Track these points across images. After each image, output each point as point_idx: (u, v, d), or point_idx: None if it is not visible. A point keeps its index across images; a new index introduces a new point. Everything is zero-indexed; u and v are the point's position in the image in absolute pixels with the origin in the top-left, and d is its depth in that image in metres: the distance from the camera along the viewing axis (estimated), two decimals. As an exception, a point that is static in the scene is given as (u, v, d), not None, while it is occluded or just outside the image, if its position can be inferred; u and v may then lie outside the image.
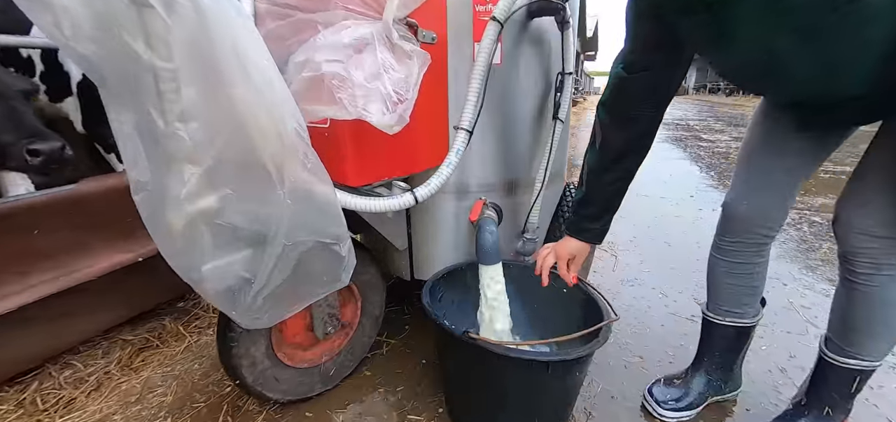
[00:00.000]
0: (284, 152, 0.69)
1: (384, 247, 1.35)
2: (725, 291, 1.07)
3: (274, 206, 0.71)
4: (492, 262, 1.08)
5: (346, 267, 0.84)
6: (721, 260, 1.06)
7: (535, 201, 1.24)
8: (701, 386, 1.15)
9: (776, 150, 0.94)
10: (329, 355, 1.21)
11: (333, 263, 0.82)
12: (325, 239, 0.77)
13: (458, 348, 0.94)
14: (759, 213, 0.97)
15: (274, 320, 0.84)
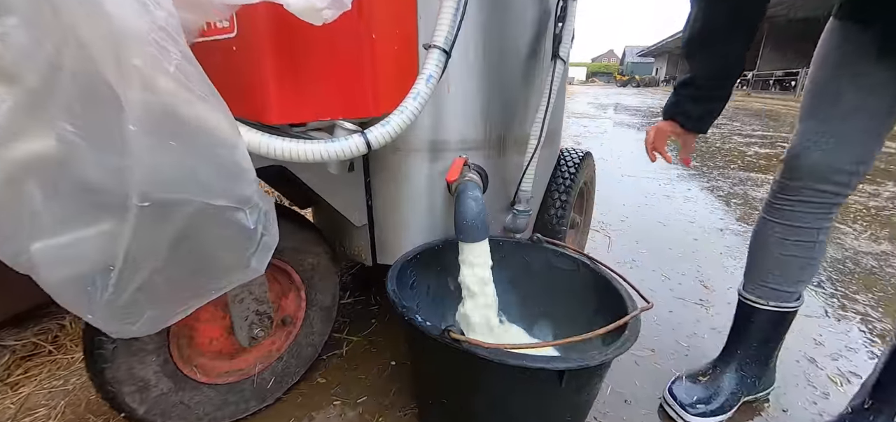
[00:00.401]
0: (133, 48, 0.40)
1: (339, 223, 1.07)
2: (776, 265, 0.85)
3: (119, 144, 0.43)
4: (476, 238, 0.82)
5: (260, 247, 0.56)
6: (776, 225, 0.84)
7: (528, 164, 0.99)
8: (733, 385, 0.93)
9: (857, 83, 0.72)
10: (265, 362, 0.93)
11: (236, 241, 0.54)
12: (217, 201, 0.49)
13: (436, 352, 0.68)
14: (833, 159, 0.75)
15: (155, 325, 0.56)
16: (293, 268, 0.94)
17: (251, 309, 0.83)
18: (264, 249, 0.58)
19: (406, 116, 0.63)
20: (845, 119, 0.73)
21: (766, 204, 0.87)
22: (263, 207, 0.58)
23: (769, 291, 0.87)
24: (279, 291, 0.96)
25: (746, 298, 0.91)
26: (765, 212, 0.87)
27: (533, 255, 0.99)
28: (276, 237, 0.60)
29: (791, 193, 0.80)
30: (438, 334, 0.60)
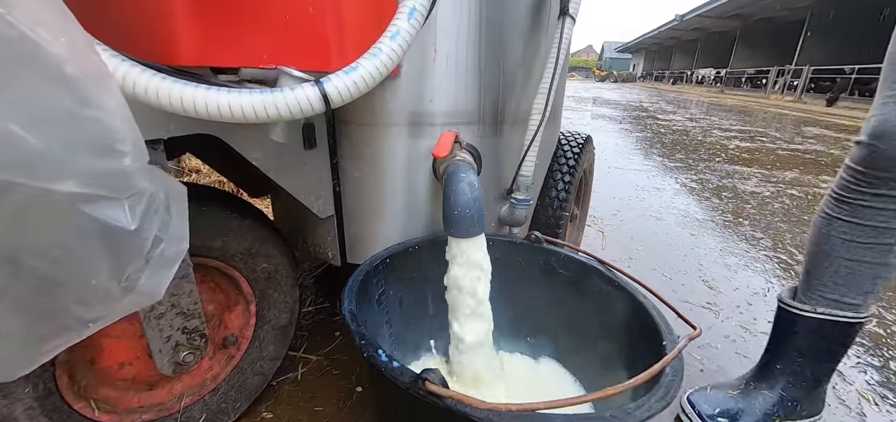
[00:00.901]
0: None
1: (300, 215, 0.88)
2: (838, 273, 0.71)
3: None
4: (471, 232, 0.65)
5: (154, 260, 0.37)
6: (843, 223, 0.69)
7: (530, 144, 0.81)
8: (768, 404, 0.79)
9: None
10: (196, 394, 0.73)
11: (106, 250, 0.34)
12: (62, 185, 0.30)
13: (408, 406, 0.50)
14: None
15: (4, 373, 0.36)
16: (243, 276, 0.73)
17: (175, 327, 0.63)
18: (161, 263, 0.39)
19: (380, 61, 0.44)
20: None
21: (829, 197, 0.72)
22: (159, 195, 0.38)
23: (828, 300, 0.73)
24: (223, 304, 0.76)
25: (791, 307, 0.76)
26: (827, 207, 0.72)
27: (531, 257, 0.82)
28: (183, 242, 0.40)
29: (867, 185, 0.66)
30: (410, 382, 0.42)
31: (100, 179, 0.33)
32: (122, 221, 0.35)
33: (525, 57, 0.83)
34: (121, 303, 0.39)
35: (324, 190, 0.77)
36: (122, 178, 0.34)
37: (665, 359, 0.46)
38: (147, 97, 0.37)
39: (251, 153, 0.61)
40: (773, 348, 0.82)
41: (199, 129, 0.54)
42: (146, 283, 0.39)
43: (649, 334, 0.59)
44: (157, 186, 0.38)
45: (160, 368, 0.62)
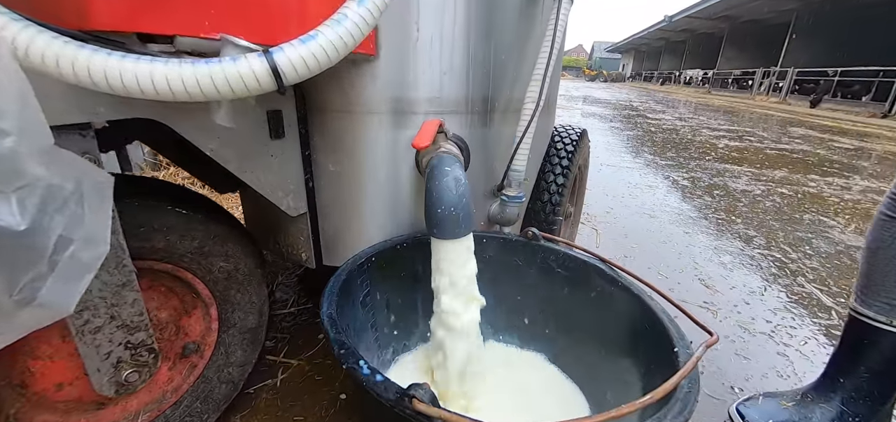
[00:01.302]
0: None
1: (270, 213, 0.80)
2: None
3: None
4: (456, 233, 0.58)
5: (59, 269, 0.30)
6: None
7: (523, 135, 0.75)
8: (826, 419, 0.74)
9: None
10: (156, 410, 0.65)
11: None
12: None
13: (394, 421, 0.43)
14: None
15: None
16: (197, 277, 0.65)
17: (116, 341, 0.55)
18: (72, 271, 0.31)
19: (344, 30, 0.36)
20: None
21: (889, 199, 0.67)
22: (64, 187, 0.31)
23: (893, 307, 0.68)
24: (179, 310, 0.68)
25: (860, 314, 0.71)
26: (888, 209, 0.67)
27: (527, 255, 0.76)
28: (101, 245, 0.33)
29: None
30: (395, 399, 0.35)
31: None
32: (6, 219, 0.27)
33: (518, 40, 0.76)
34: (16, 318, 0.31)
35: (294, 185, 0.70)
36: (2, 165, 0.27)
37: (682, 371, 0.40)
38: (43, 67, 0.30)
39: (205, 143, 0.53)
40: (838, 360, 0.77)
41: (136, 112, 0.46)
42: (50, 294, 0.31)
43: (659, 339, 0.53)
44: (61, 175, 0.31)
45: (98, 389, 0.54)
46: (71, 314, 0.48)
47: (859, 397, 0.74)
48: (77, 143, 0.44)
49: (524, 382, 0.75)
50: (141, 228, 0.56)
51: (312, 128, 0.69)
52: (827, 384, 0.78)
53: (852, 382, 0.75)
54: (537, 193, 0.97)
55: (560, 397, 0.73)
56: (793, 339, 1.11)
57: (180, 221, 0.59)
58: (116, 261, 0.50)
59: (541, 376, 0.77)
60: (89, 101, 0.41)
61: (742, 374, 0.96)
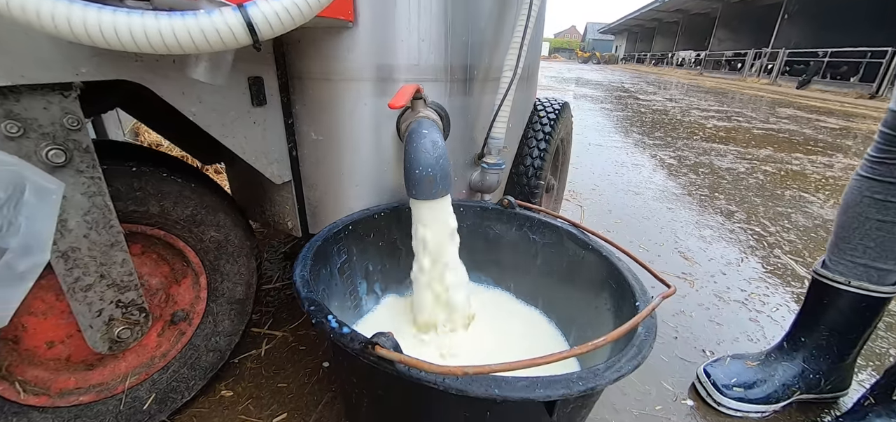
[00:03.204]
0: None
1: (256, 182, 0.81)
2: (869, 235, 0.70)
3: None
4: (434, 193, 0.60)
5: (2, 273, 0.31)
6: (877, 183, 0.68)
7: (501, 103, 0.77)
8: (788, 376, 0.78)
9: None
10: (143, 373, 0.67)
11: None
12: None
13: (362, 373, 0.46)
14: None
15: None
16: (188, 246, 0.67)
17: (108, 300, 0.57)
18: (8, 279, 0.32)
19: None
20: None
21: (864, 161, 0.70)
22: None
23: (858, 267, 0.71)
24: (169, 277, 0.69)
25: (822, 276, 0.75)
26: (862, 170, 0.71)
27: (504, 223, 0.78)
28: (40, 253, 0.34)
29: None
30: (360, 348, 0.37)
31: None
32: None
33: (496, 7, 0.78)
34: None
35: (278, 153, 0.71)
36: None
37: (637, 316, 0.43)
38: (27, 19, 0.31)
39: (186, 106, 0.55)
40: (800, 320, 0.81)
41: (116, 73, 0.47)
42: None
43: (624, 294, 0.56)
44: None
45: (92, 345, 0.56)
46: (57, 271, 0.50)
47: (820, 355, 0.79)
48: (59, 103, 0.46)
49: (506, 324, 0.78)
50: (137, 192, 0.57)
51: (294, 96, 0.70)
52: (790, 344, 0.82)
53: (813, 340, 0.79)
54: (519, 160, 0.99)
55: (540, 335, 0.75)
56: (765, 306, 1.16)
57: (174, 188, 0.61)
58: (104, 221, 0.52)
59: (523, 319, 0.79)
60: (72, 60, 0.42)
61: (714, 338, 1.01)
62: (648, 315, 0.45)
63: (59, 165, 0.47)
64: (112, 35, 0.32)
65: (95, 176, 0.50)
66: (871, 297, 0.72)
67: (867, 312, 0.74)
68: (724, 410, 0.78)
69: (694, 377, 0.86)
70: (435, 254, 0.63)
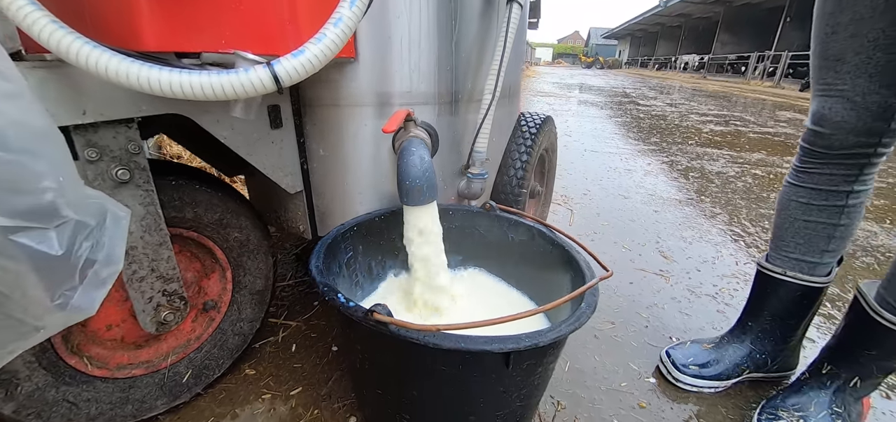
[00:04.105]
0: None
1: (273, 192, 0.94)
2: (798, 234, 0.81)
3: None
4: (421, 200, 0.72)
5: (89, 280, 0.42)
6: (801, 189, 0.80)
7: (483, 120, 0.89)
8: (738, 356, 0.89)
9: (850, 8, 0.65)
10: (181, 353, 0.80)
11: (35, 273, 0.38)
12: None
13: (363, 337, 0.58)
14: (851, 115, 0.69)
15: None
16: (216, 245, 0.80)
17: (156, 289, 0.69)
18: (95, 283, 0.44)
19: (324, 46, 0.51)
20: (856, 58, 0.67)
21: (791, 169, 0.82)
22: (88, 221, 0.43)
23: (791, 261, 0.82)
24: (200, 272, 0.82)
25: (764, 268, 0.86)
26: (789, 177, 0.82)
27: (487, 224, 0.90)
28: (117, 264, 0.45)
29: (815, 158, 0.76)
30: (363, 316, 0.49)
31: (24, 215, 0.38)
32: (49, 247, 0.40)
33: (477, 40, 0.90)
34: (56, 317, 0.44)
35: (291, 167, 0.84)
36: (47, 211, 0.39)
37: (573, 293, 0.54)
38: (116, 78, 0.44)
39: (220, 132, 0.68)
40: (748, 307, 0.92)
41: (168, 109, 0.60)
42: (79, 300, 0.43)
43: (577, 279, 0.68)
44: (87, 214, 0.43)
45: (144, 326, 0.69)
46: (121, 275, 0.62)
47: (765, 338, 0.90)
48: (124, 133, 0.59)
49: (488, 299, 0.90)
50: (176, 201, 0.70)
51: (305, 119, 0.83)
52: (739, 328, 0.93)
53: (759, 325, 0.90)
54: (503, 170, 1.11)
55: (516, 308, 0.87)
56: (733, 299, 1.26)
57: (205, 197, 0.74)
58: (155, 225, 0.65)
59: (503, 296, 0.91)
60: (135, 101, 0.55)
61: (682, 328, 1.12)
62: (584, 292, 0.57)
63: (124, 182, 0.60)
64: (178, 89, 0.45)
65: (149, 189, 0.63)
66: (806, 286, 0.83)
67: (804, 300, 0.84)
68: (681, 385, 0.89)
69: (658, 360, 0.97)
70: (423, 248, 0.75)
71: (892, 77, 0.66)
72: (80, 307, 0.44)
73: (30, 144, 0.37)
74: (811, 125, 0.76)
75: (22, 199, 0.37)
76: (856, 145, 0.71)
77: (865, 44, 0.65)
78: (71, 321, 0.45)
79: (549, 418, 0.81)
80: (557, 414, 0.82)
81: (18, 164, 0.37)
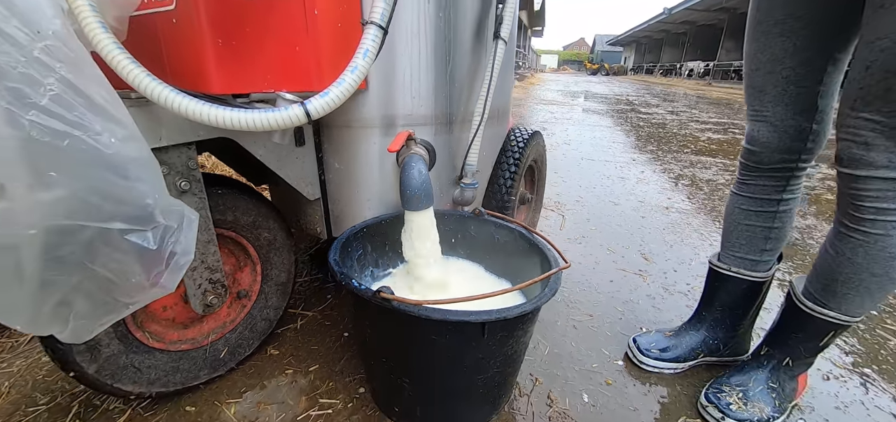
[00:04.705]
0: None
1: (294, 198, 1.10)
2: (741, 235, 0.95)
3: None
4: (419, 206, 0.88)
5: (171, 267, 0.58)
6: (741, 198, 0.94)
7: (473, 139, 1.04)
8: (694, 342, 1.03)
9: (775, 44, 0.80)
10: (219, 333, 0.95)
11: (139, 261, 0.54)
12: (112, 224, 0.50)
13: (371, 313, 0.73)
14: (774, 137, 0.84)
15: (81, 334, 0.56)
16: (249, 243, 0.96)
17: (204, 278, 0.85)
18: (175, 269, 0.59)
19: (343, 88, 0.66)
20: (774, 88, 0.82)
21: (735, 181, 0.97)
22: (174, 225, 0.58)
23: (735, 259, 0.97)
24: (235, 265, 0.98)
25: (713, 265, 1.01)
26: (733, 187, 0.97)
27: (476, 226, 1.05)
28: (190, 255, 0.60)
29: (749, 172, 0.92)
30: (371, 295, 0.65)
31: (133, 219, 0.54)
32: (148, 244, 0.56)
33: (469, 71, 1.06)
34: (148, 293, 0.60)
35: (312, 178, 1.00)
36: (145, 217, 0.55)
37: (532, 280, 0.69)
38: (193, 115, 0.60)
39: (256, 151, 0.84)
40: (702, 300, 1.06)
41: (219, 134, 0.76)
42: (165, 281, 0.60)
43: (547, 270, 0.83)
44: (172, 218, 0.59)
45: (195, 307, 0.85)
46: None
47: (717, 326, 1.03)
48: (186, 153, 0.75)
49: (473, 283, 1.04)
50: (220, 207, 0.86)
51: (323, 138, 0.99)
52: (696, 318, 1.07)
53: (711, 314, 1.04)
54: (494, 179, 1.26)
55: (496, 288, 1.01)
56: (704, 295, 1.39)
57: (242, 202, 0.90)
58: (206, 226, 0.81)
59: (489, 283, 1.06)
60: (194, 128, 0.71)
61: (653, 320, 1.26)
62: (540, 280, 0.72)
63: (185, 191, 0.76)
64: (239, 124, 0.61)
65: (202, 197, 0.79)
66: (749, 281, 0.97)
67: (748, 293, 0.98)
68: (644, 366, 1.03)
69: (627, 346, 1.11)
70: (419, 245, 0.90)
71: (802, 106, 0.80)
72: (166, 286, 0.60)
73: (139, 173, 0.54)
74: (745, 145, 0.90)
75: (132, 210, 0.53)
76: (780, 161, 0.86)
77: (780, 79, 0.80)
78: (158, 296, 0.61)
79: (528, 392, 0.96)
80: (535, 388, 0.96)
81: (132, 188, 0.53)
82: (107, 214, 0.49)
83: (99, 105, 0.46)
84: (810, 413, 0.93)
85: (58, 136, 0.43)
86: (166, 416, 0.88)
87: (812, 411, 0.94)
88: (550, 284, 0.72)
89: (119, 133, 0.49)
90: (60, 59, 0.42)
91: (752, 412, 0.87)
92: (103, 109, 0.47)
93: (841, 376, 1.05)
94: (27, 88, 0.40)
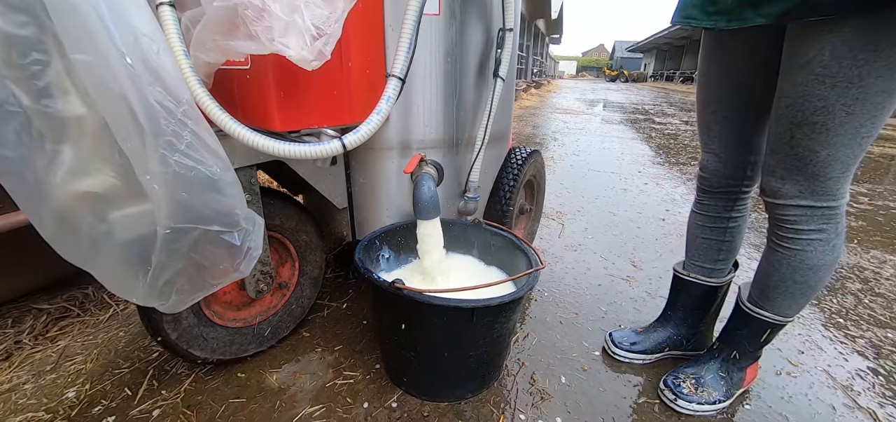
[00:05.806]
0: (139, 131, 0.60)
1: (325, 207, 1.32)
2: (698, 247, 1.13)
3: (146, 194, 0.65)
4: (428, 216, 1.08)
5: (246, 257, 0.79)
6: (698, 215, 1.12)
7: (475, 159, 1.24)
8: (661, 337, 1.21)
9: (716, 92, 0.98)
10: (264, 316, 1.18)
11: (227, 253, 0.76)
12: (212, 227, 0.71)
13: (387, 299, 0.94)
14: (719, 166, 1.02)
15: (179, 305, 0.78)
16: (291, 243, 1.18)
17: (258, 268, 1.08)
18: (249, 259, 0.81)
19: (371, 126, 0.88)
20: (720, 124, 0.99)
21: (694, 199, 1.15)
22: (250, 228, 0.80)
23: (695, 267, 1.14)
24: (278, 261, 1.21)
25: (676, 272, 1.19)
26: (693, 206, 1.15)
27: (476, 234, 1.25)
28: (259, 249, 0.82)
29: (703, 195, 1.10)
30: (388, 285, 0.85)
31: (226, 223, 0.75)
32: (234, 241, 0.77)
33: (474, 104, 1.26)
34: (230, 276, 0.82)
35: (341, 190, 1.22)
36: (235, 223, 0.77)
37: (513, 276, 0.89)
38: (255, 145, 0.82)
39: (301, 170, 1.06)
40: (668, 301, 1.24)
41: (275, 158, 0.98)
42: (243, 268, 0.82)
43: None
44: (249, 223, 0.81)
45: (249, 292, 1.07)
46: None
47: (680, 324, 1.21)
48: (249, 173, 0.97)
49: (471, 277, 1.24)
50: (271, 213, 1.08)
51: (351, 157, 1.21)
52: (663, 317, 1.24)
53: (675, 314, 1.21)
54: (495, 192, 1.46)
55: None
56: (683, 300, 1.55)
57: (286, 209, 1.12)
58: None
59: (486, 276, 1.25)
60: (257, 154, 0.94)
61: (632, 319, 1.43)
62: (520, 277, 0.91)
63: (249, 201, 0.98)
64: (294, 154, 0.83)
65: (259, 206, 1.01)
66: (706, 286, 1.14)
67: (706, 296, 1.15)
68: (616, 357, 1.20)
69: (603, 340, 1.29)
70: (428, 246, 1.11)
71: (742, 142, 0.98)
72: (243, 272, 0.82)
73: (230, 190, 0.75)
74: (699, 171, 1.08)
75: (225, 218, 0.75)
76: (727, 186, 1.03)
77: (721, 118, 0.98)
78: (235, 279, 0.83)
79: (515, 373, 1.15)
80: (521, 370, 1.16)
81: (225, 202, 0.75)
82: (210, 220, 0.71)
83: (210, 147, 0.68)
84: (756, 400, 1.10)
85: (188, 169, 0.65)
86: (222, 380, 1.11)
87: (758, 398, 1.10)
88: (528, 281, 0.92)
89: (220, 164, 0.71)
90: (191, 118, 0.65)
91: (701, 396, 1.04)
92: (212, 149, 0.69)
93: (791, 372, 1.20)
94: (174, 140, 0.62)
